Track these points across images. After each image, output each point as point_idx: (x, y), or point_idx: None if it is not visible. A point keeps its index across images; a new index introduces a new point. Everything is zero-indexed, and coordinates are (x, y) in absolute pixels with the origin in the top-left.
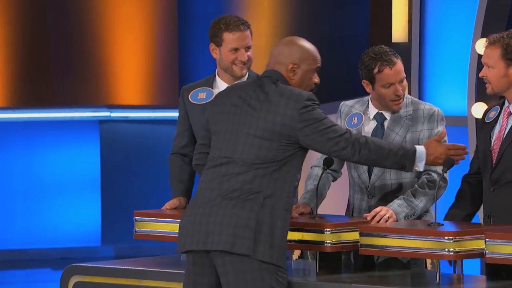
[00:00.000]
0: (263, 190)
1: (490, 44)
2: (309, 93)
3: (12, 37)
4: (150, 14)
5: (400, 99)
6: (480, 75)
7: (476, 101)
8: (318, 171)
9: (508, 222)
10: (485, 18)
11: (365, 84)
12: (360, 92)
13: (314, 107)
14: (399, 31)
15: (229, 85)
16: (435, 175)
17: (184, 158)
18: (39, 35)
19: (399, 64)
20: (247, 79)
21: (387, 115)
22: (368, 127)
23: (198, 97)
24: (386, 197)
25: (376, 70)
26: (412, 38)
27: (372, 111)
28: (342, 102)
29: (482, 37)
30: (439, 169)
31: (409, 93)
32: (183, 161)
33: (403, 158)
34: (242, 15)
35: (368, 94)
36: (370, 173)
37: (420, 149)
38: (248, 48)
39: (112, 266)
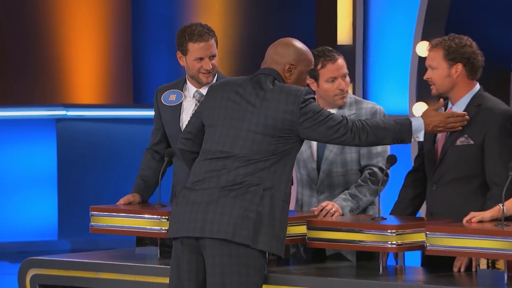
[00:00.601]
0: (263, 183)
1: (432, 47)
2: (306, 88)
3: None
4: (105, 15)
5: (344, 93)
6: (424, 77)
7: (416, 101)
8: None
9: (449, 217)
10: (425, 22)
11: (311, 82)
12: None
13: (311, 100)
14: (343, 34)
15: (196, 88)
16: (377, 170)
17: (155, 154)
18: None
19: (341, 61)
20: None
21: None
22: None
23: (169, 99)
24: (334, 192)
25: (319, 66)
26: (356, 41)
27: None
28: None
29: (422, 39)
30: (382, 164)
31: (354, 93)
32: (153, 157)
33: (400, 133)
34: (193, 17)
35: None
36: (318, 170)
37: (417, 120)
38: (212, 56)
39: (68, 259)
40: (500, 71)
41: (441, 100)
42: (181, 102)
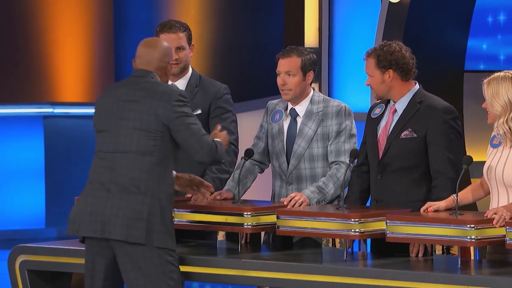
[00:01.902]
0: (150, 184)
1: (366, 57)
2: (181, 90)
3: None
4: (89, 20)
5: (284, 91)
6: (365, 84)
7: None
8: (244, 162)
9: (393, 205)
10: (385, 27)
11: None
12: (274, 91)
13: (186, 103)
14: (310, 37)
15: (172, 82)
16: (343, 165)
17: None
18: None
19: (293, 60)
20: (189, 78)
21: (299, 110)
22: (286, 122)
23: None
24: (301, 184)
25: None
26: (322, 44)
27: (289, 107)
28: (270, 101)
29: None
30: (347, 159)
31: (320, 92)
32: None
33: (221, 155)
34: None
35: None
36: (288, 162)
37: (219, 141)
38: (179, 48)
39: (55, 246)
40: (454, 72)
41: (218, 125)
42: None
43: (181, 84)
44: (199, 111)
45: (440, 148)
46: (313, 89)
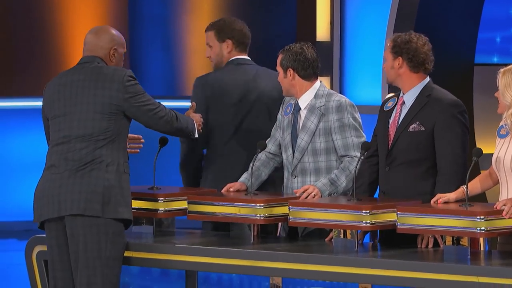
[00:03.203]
0: (104, 159)
1: (390, 40)
2: (129, 70)
3: None
4: (104, 15)
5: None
6: (383, 66)
7: (388, 92)
8: (260, 155)
9: (400, 197)
10: (396, 21)
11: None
12: None
13: (136, 82)
14: (322, 31)
15: None
16: (355, 158)
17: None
18: (4, 33)
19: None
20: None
21: (301, 103)
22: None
23: None
24: (306, 177)
25: None
26: (334, 38)
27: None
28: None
29: None
30: (357, 152)
31: (331, 85)
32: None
33: (191, 128)
34: (184, 16)
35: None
36: (293, 155)
37: (192, 120)
38: (208, 45)
39: None
40: (464, 66)
41: (193, 103)
42: None
43: None
44: None
45: (446, 141)
46: (320, 82)
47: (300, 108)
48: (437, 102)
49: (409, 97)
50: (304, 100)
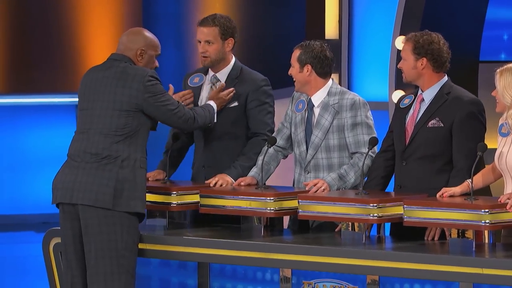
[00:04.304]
0: (120, 154)
1: (405, 40)
2: (152, 70)
3: None
4: (119, 13)
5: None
6: (398, 66)
7: (395, 89)
8: (267, 149)
9: (416, 191)
10: (403, 19)
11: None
12: (291, 82)
13: (157, 82)
14: (331, 29)
15: (214, 73)
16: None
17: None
18: (23, 31)
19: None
20: (230, 70)
21: (314, 101)
22: (306, 112)
23: (194, 81)
24: (319, 173)
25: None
26: (342, 36)
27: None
28: (295, 91)
29: (400, 34)
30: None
31: (340, 82)
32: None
33: (209, 118)
34: (197, 15)
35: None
36: (307, 151)
37: (214, 104)
38: (207, 42)
39: None
40: (469, 63)
41: (222, 83)
42: (202, 83)
43: (222, 75)
44: (235, 103)
45: (463, 139)
46: (332, 79)
47: (313, 105)
48: (456, 100)
49: (429, 94)
50: (318, 98)
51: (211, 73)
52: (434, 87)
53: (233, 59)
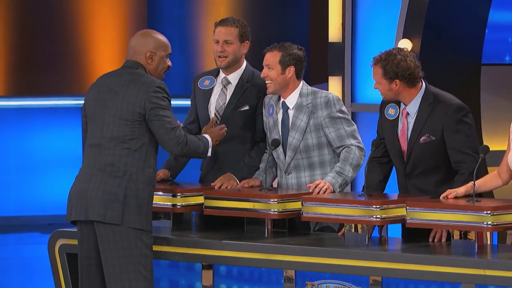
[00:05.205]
0: (128, 168)
1: (373, 64)
2: (161, 81)
3: (6, 35)
4: (124, 17)
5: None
6: (374, 87)
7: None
8: (271, 151)
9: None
10: (406, 22)
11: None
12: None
13: (164, 95)
14: (334, 32)
15: (225, 75)
16: (353, 147)
17: (189, 132)
18: (30, 34)
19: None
20: (242, 73)
21: (289, 103)
22: (279, 115)
23: (204, 84)
24: (300, 173)
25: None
26: (345, 39)
27: (280, 100)
28: (266, 96)
29: (403, 37)
30: (353, 141)
31: (342, 85)
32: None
33: (203, 150)
34: (202, 19)
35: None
36: (285, 154)
37: (207, 138)
38: (227, 42)
39: None
40: (472, 66)
41: (213, 117)
42: (213, 86)
43: (233, 77)
44: (246, 107)
45: (457, 145)
46: (303, 82)
47: (288, 108)
48: (441, 109)
49: (412, 107)
50: (292, 100)
51: (222, 75)
52: (416, 100)
53: (245, 63)
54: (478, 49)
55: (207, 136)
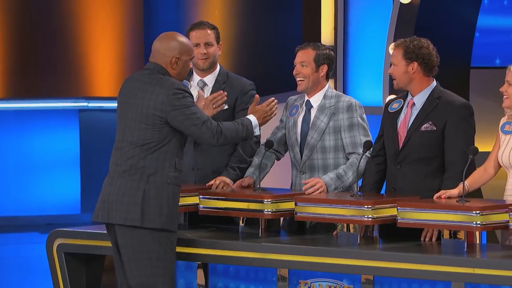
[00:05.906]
0: (146, 170)
1: (395, 47)
2: (180, 82)
3: (5, 38)
4: (121, 20)
5: (298, 80)
6: (388, 72)
7: (389, 94)
8: (264, 152)
9: (411, 193)
10: (397, 25)
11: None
12: (293, 86)
13: (185, 95)
14: (326, 36)
15: (200, 77)
16: (363, 156)
17: None
18: (29, 37)
19: (308, 52)
20: (217, 74)
21: (313, 102)
22: (301, 116)
23: None
24: (314, 174)
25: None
26: (338, 41)
27: (305, 100)
28: (290, 97)
29: (394, 41)
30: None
31: (335, 87)
32: None
33: (245, 132)
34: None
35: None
36: (301, 153)
37: (252, 118)
38: (207, 44)
39: (89, 231)
40: (461, 68)
41: (257, 96)
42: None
43: (209, 79)
44: (225, 107)
45: (456, 141)
46: (328, 85)
47: (311, 107)
48: (448, 104)
49: (419, 99)
50: (316, 100)
51: (197, 78)
52: (425, 92)
53: (218, 65)
54: (467, 53)
55: (250, 116)
